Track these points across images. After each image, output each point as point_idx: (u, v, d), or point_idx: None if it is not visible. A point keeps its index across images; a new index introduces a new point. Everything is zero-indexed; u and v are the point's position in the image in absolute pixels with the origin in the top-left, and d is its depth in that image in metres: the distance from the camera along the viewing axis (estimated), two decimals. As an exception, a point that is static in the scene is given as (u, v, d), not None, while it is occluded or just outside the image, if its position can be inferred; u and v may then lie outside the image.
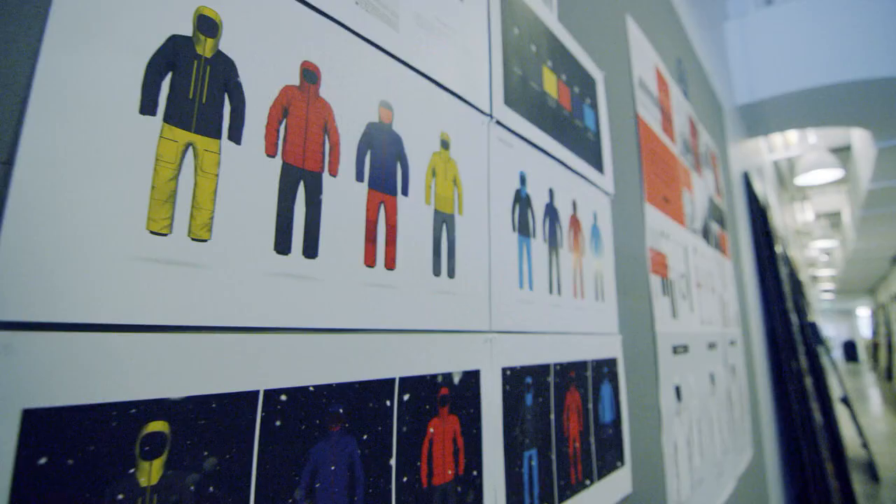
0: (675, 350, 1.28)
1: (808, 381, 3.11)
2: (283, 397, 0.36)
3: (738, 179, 2.84)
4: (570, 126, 0.85)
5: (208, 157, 0.35)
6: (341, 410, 0.40)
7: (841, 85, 2.80)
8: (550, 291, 0.72)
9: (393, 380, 0.45)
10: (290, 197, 0.39)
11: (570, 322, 0.76)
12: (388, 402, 0.44)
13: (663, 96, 1.50)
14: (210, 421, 0.32)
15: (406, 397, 0.46)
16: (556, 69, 0.84)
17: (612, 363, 0.89)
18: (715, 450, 1.48)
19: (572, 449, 0.71)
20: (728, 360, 1.85)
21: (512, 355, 0.62)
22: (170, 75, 0.34)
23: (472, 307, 0.56)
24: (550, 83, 0.81)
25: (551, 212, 0.76)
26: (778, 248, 3.28)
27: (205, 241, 0.34)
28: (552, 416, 0.68)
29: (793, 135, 4.69)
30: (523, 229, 0.68)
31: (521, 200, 0.69)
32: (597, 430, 0.79)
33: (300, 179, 0.40)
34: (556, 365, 0.71)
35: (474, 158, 0.60)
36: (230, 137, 0.36)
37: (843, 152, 5.61)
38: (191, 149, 0.34)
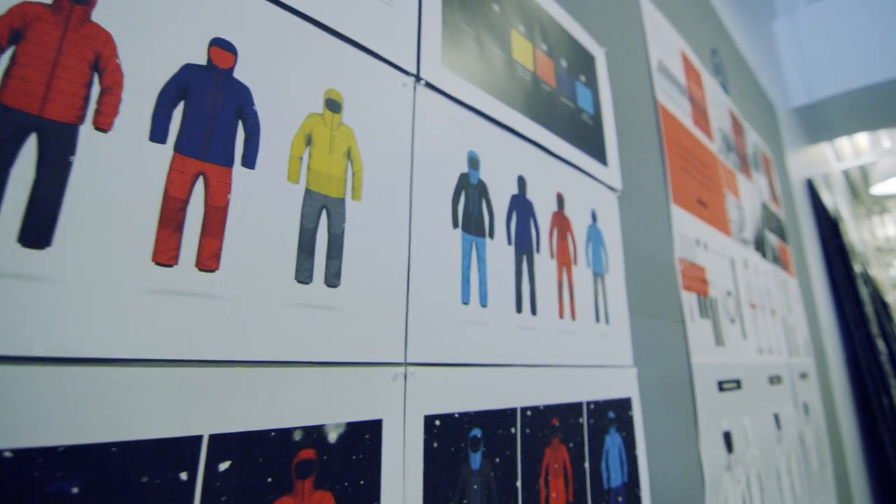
0: (722, 386, 1.04)
1: (906, 421, 2.63)
2: (-65, 476, 0.22)
3: (800, 187, 2.51)
4: (554, 104, 0.69)
5: None
6: (76, 489, 0.25)
7: (919, 76, 2.44)
8: (519, 309, 0.55)
9: (198, 438, 0.29)
10: (2, 156, 0.26)
11: (552, 350, 0.58)
12: (183, 475, 0.28)
13: (694, 86, 1.30)
14: None
15: (224, 466, 0.30)
16: (531, 37, 0.68)
17: (622, 405, 0.68)
18: (785, 511, 1.18)
19: (554, 527, 0.52)
20: (798, 396, 1.54)
21: (445, 397, 0.44)
22: None
23: (370, 329, 0.40)
24: (523, 52, 0.66)
25: (521, 205, 0.59)
26: (856, 267, 2.86)
27: None
28: (519, 483, 0.49)
29: (863, 139, 4.21)
30: (472, 225, 0.52)
31: (470, 188, 0.53)
32: (597, 499, 0.59)
33: (30, 131, 0.27)
34: (526, 409, 0.52)
35: (387, 128, 0.45)
36: None
37: (927, 157, 4.98)
38: None
